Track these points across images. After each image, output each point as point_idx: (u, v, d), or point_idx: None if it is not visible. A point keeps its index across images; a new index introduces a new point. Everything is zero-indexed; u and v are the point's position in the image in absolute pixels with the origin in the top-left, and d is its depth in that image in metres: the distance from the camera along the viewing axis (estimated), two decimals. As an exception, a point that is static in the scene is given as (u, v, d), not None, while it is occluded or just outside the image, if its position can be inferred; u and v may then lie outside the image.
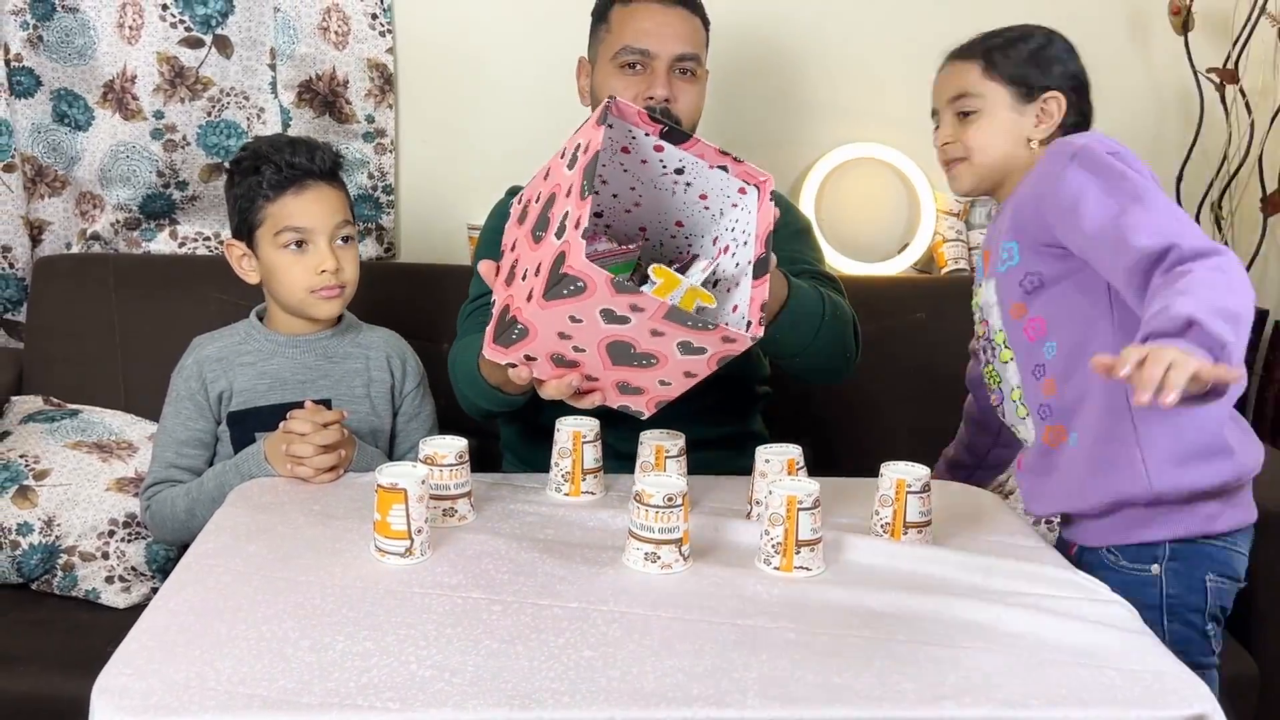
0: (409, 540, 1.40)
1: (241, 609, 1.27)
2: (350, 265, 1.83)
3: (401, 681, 1.14)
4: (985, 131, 1.65)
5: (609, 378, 1.44)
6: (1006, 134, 1.65)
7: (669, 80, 1.86)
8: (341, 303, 1.84)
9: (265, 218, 1.81)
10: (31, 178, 2.38)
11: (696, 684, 1.16)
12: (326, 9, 2.34)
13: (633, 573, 1.40)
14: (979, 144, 1.65)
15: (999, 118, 1.64)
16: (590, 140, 1.32)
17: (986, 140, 1.65)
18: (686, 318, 1.31)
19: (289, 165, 1.79)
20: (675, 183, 1.48)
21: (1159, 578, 1.58)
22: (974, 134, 1.65)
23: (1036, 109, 1.64)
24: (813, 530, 1.41)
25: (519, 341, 1.38)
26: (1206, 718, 1.15)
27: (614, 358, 1.39)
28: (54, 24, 2.31)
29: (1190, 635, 1.58)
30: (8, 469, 2.02)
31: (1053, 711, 1.14)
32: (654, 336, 1.34)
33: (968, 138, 1.66)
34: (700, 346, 1.35)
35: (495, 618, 1.27)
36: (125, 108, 2.35)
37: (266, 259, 1.82)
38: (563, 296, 1.27)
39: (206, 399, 1.82)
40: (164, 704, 1.09)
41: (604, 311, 1.30)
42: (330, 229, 1.81)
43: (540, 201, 1.40)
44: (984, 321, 1.70)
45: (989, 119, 1.65)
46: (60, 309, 2.29)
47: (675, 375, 1.41)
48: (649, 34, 1.87)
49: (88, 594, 1.97)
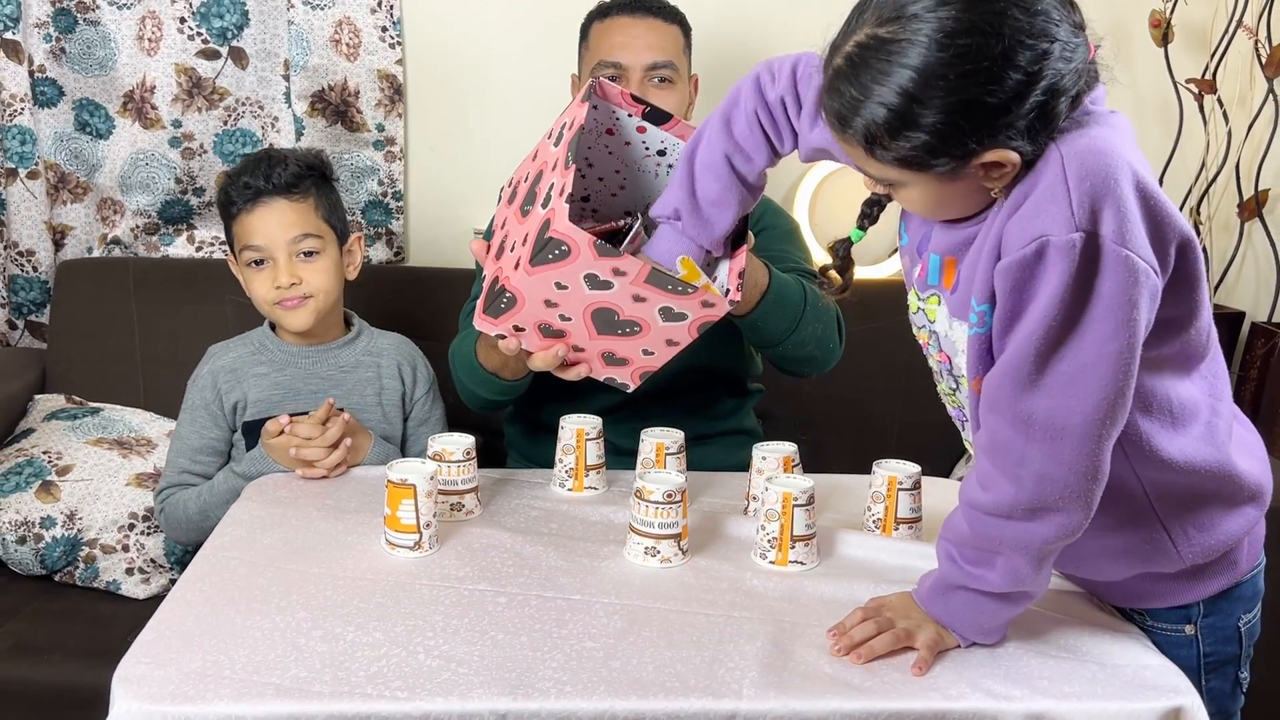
0: (418, 534, 1.40)
1: (256, 600, 1.27)
2: (315, 276, 1.79)
3: (409, 671, 1.14)
4: (919, 202, 1.20)
5: (595, 348, 1.43)
6: (952, 199, 1.18)
7: (643, 89, 1.86)
8: (309, 313, 1.80)
9: (234, 237, 1.82)
10: (54, 184, 2.37)
11: (694, 674, 1.15)
12: (338, 22, 2.34)
13: (633, 566, 1.40)
14: (918, 208, 1.22)
15: (929, 192, 1.17)
16: (575, 118, 1.32)
17: (924, 208, 1.21)
18: (667, 281, 1.31)
19: (245, 186, 1.78)
20: (658, 164, 1.49)
21: (1194, 637, 1.33)
22: (909, 201, 1.21)
23: (976, 167, 1.11)
24: (807, 526, 1.41)
25: (507, 311, 1.38)
26: (1186, 709, 1.15)
27: (599, 326, 1.38)
28: (76, 36, 2.31)
29: (1225, 688, 1.36)
30: (31, 465, 2.02)
31: (1036, 702, 1.14)
32: (636, 302, 1.33)
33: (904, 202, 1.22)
34: (681, 312, 1.35)
35: (500, 609, 1.27)
36: (144, 117, 2.35)
37: (240, 274, 1.84)
38: (548, 261, 1.27)
39: (221, 408, 1.81)
40: (181, 692, 1.09)
41: (588, 277, 1.29)
42: (286, 244, 1.78)
43: (529, 180, 1.40)
44: (942, 354, 1.30)
45: (916, 194, 1.18)
46: (82, 311, 2.29)
47: (658, 344, 1.41)
48: (621, 47, 1.87)
49: (108, 585, 1.97)
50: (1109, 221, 1.07)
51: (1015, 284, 1.11)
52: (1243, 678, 1.37)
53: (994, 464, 1.16)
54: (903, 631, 1.22)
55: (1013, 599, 1.21)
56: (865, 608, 1.26)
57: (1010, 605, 1.22)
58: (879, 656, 1.21)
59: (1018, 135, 1.08)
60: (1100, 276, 1.08)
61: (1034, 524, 1.15)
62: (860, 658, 1.21)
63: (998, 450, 1.15)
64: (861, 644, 1.22)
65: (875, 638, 1.22)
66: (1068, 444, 1.11)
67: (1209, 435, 1.25)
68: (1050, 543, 1.16)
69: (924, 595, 1.25)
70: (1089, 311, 1.08)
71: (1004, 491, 1.15)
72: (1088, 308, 1.08)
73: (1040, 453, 1.12)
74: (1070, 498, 1.13)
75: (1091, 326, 1.09)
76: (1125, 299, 1.08)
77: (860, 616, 1.25)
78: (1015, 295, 1.11)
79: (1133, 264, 1.07)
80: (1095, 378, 1.10)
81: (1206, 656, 1.33)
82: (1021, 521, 1.15)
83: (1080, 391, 1.10)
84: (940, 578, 1.24)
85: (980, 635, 1.24)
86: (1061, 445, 1.12)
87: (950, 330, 1.25)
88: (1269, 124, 2.55)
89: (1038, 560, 1.18)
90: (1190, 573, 1.29)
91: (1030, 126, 1.08)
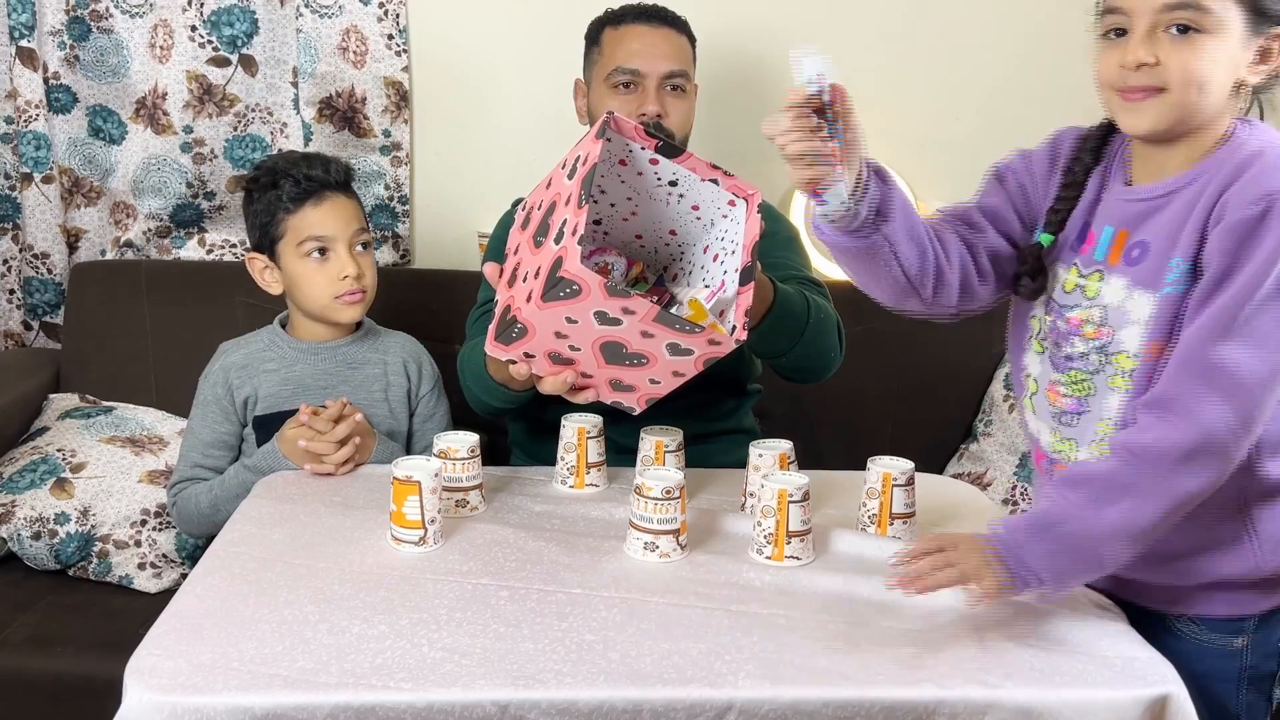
0: (423, 529, 1.40)
1: (264, 594, 1.27)
2: (369, 270, 1.84)
3: (413, 663, 1.14)
4: (1207, 60, 1.18)
5: (602, 375, 1.44)
6: (1228, 67, 1.20)
7: (659, 97, 1.87)
8: (363, 307, 1.84)
9: (286, 230, 1.80)
10: (68, 189, 2.38)
11: (691, 666, 1.16)
12: (346, 30, 2.34)
13: (633, 561, 1.40)
14: (1196, 74, 1.19)
15: (1227, 44, 1.18)
16: (589, 153, 1.33)
17: (1207, 71, 1.19)
18: (675, 321, 1.31)
19: (306, 178, 1.79)
20: (669, 194, 1.48)
21: (1241, 650, 1.31)
22: (1192, 60, 1.18)
23: (1259, 45, 1.20)
24: (803, 522, 1.41)
25: (519, 340, 1.39)
26: (1172, 697, 1.15)
27: (607, 357, 1.39)
28: (90, 44, 2.31)
29: (1258, 704, 1.34)
30: (46, 462, 2.02)
31: (1027, 692, 1.14)
32: (644, 338, 1.34)
33: (1181, 63, 1.18)
34: (688, 348, 1.35)
35: (503, 603, 1.27)
36: (156, 123, 2.35)
37: (290, 269, 1.82)
38: (559, 299, 1.28)
39: (232, 404, 1.82)
40: (191, 683, 1.09)
41: (598, 313, 1.30)
42: (349, 236, 1.81)
43: (542, 209, 1.40)
44: (1104, 327, 1.28)
45: (1215, 44, 1.18)
46: (95, 312, 2.29)
47: (664, 374, 1.42)
48: (638, 54, 1.87)
49: (121, 580, 1.97)
50: None
51: (1238, 241, 1.16)
52: (1276, 695, 1.36)
53: (1163, 412, 1.19)
54: (962, 573, 1.22)
55: (1105, 550, 1.20)
56: (929, 543, 1.26)
57: (1099, 555, 1.21)
58: (939, 588, 1.22)
59: None
60: None
61: (1182, 474, 1.18)
62: (924, 590, 1.22)
63: (1174, 399, 1.18)
64: (921, 580, 1.23)
65: (940, 574, 1.23)
66: (1245, 393, 1.16)
67: None
68: (1191, 495, 1.18)
69: (1003, 536, 1.23)
70: None
71: (1167, 434, 1.18)
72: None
73: (1218, 399, 1.16)
74: (1226, 447, 1.17)
75: None
76: None
77: (924, 548, 1.25)
78: (1234, 253, 1.16)
79: None
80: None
81: (1249, 669, 1.33)
82: (1172, 469, 1.17)
83: (1274, 344, 1.16)
84: (1035, 516, 1.24)
85: (1053, 580, 1.22)
86: (1239, 394, 1.16)
87: (1127, 300, 1.26)
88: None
89: (1164, 511, 1.18)
90: (1258, 583, 1.29)
91: None
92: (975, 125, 2.46)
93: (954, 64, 2.49)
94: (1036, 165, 1.40)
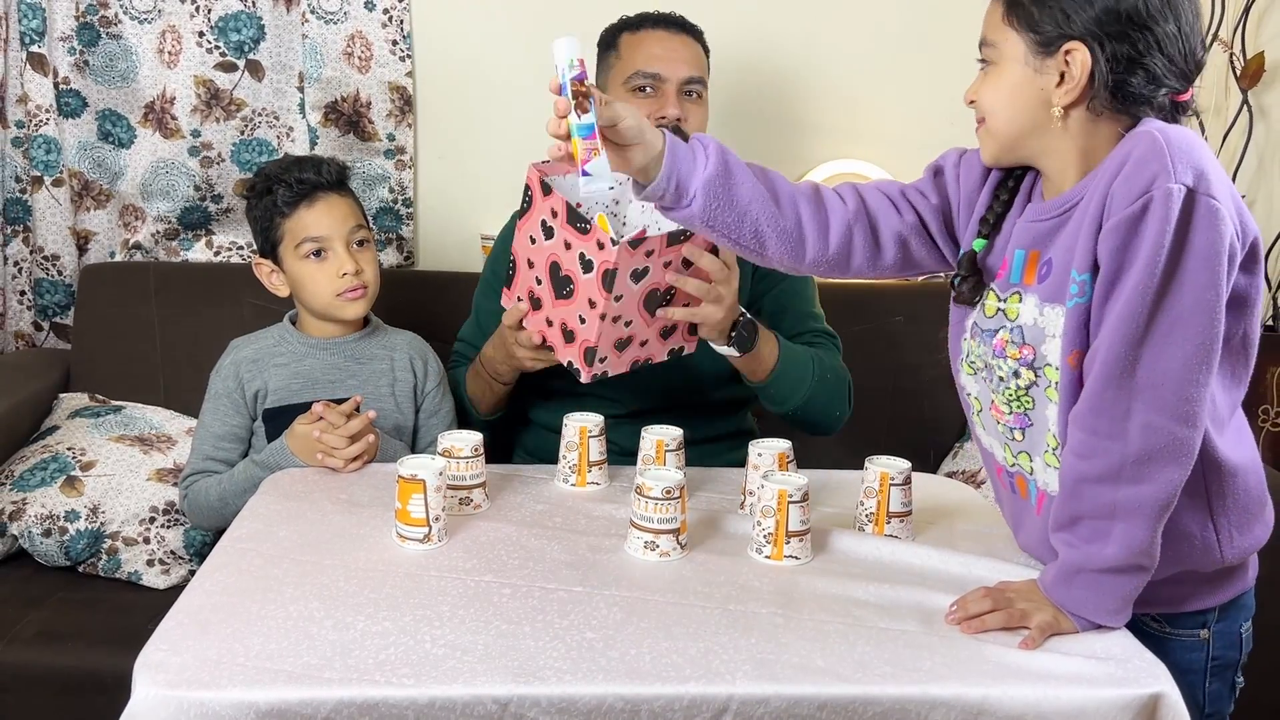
0: (427, 527, 1.40)
1: (271, 590, 1.27)
2: (369, 266, 1.83)
3: (417, 659, 1.14)
4: (1000, 89, 1.25)
5: (556, 317, 1.60)
6: (1022, 96, 1.24)
7: (679, 101, 1.87)
8: (366, 303, 1.84)
9: (284, 233, 1.81)
10: (78, 192, 2.37)
11: (690, 664, 1.15)
12: (351, 36, 2.34)
13: (633, 560, 1.40)
14: (990, 104, 1.27)
15: (1010, 74, 1.24)
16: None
17: (1002, 99, 1.26)
18: (576, 220, 1.49)
19: (299, 181, 1.79)
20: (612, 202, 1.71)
21: (1206, 642, 1.34)
22: (986, 91, 1.27)
23: (1058, 65, 1.21)
24: (801, 522, 1.40)
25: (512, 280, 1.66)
26: (1165, 695, 1.15)
27: (554, 285, 1.57)
28: (99, 50, 2.31)
29: (1222, 692, 1.37)
30: (56, 460, 2.02)
31: (1022, 689, 1.14)
32: (566, 250, 1.51)
33: (983, 95, 1.28)
34: (589, 260, 1.50)
35: (505, 600, 1.27)
36: (165, 127, 2.35)
37: (292, 271, 1.82)
38: (526, 211, 1.52)
39: (243, 397, 1.82)
40: (198, 678, 1.09)
41: (543, 226, 1.48)
42: (345, 234, 1.81)
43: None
44: (1026, 346, 1.28)
45: (1002, 73, 1.25)
46: (104, 313, 2.29)
47: (583, 305, 1.54)
48: (659, 59, 1.87)
49: (130, 576, 1.97)
50: (1204, 181, 1.14)
51: (1121, 242, 1.15)
52: (1238, 682, 1.39)
53: (1095, 427, 1.19)
54: (1018, 611, 1.24)
55: (1130, 572, 1.22)
56: (988, 589, 1.27)
57: (1130, 578, 1.22)
58: (988, 630, 1.23)
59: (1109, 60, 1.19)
60: (1198, 228, 1.13)
61: (1143, 485, 1.18)
62: (971, 629, 1.23)
63: (1100, 411, 1.18)
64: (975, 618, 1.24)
65: (990, 614, 1.24)
66: (1168, 390, 1.15)
67: (1239, 436, 1.28)
68: (1161, 502, 1.18)
69: (1048, 583, 1.26)
70: (1186, 261, 1.13)
71: (1109, 451, 1.18)
72: (1185, 257, 1.13)
73: (1143, 402, 1.16)
74: (1172, 447, 1.16)
75: (1189, 275, 1.13)
76: (1218, 250, 1.14)
77: (982, 593, 1.26)
78: (1120, 253, 1.15)
79: (1226, 221, 1.14)
80: (1194, 324, 1.14)
81: (1214, 660, 1.35)
82: (1131, 485, 1.18)
83: (1180, 337, 1.14)
84: (1061, 565, 1.25)
85: (1105, 616, 1.23)
86: (1162, 392, 1.15)
87: (1040, 318, 1.27)
88: (1243, 134, 2.55)
89: (1152, 523, 1.19)
90: (1219, 575, 1.31)
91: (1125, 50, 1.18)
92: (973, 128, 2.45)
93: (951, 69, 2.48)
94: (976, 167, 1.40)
